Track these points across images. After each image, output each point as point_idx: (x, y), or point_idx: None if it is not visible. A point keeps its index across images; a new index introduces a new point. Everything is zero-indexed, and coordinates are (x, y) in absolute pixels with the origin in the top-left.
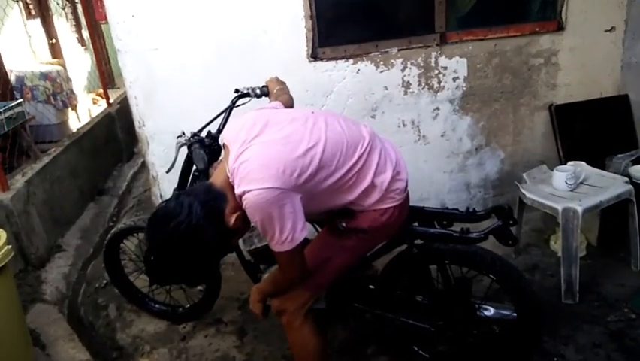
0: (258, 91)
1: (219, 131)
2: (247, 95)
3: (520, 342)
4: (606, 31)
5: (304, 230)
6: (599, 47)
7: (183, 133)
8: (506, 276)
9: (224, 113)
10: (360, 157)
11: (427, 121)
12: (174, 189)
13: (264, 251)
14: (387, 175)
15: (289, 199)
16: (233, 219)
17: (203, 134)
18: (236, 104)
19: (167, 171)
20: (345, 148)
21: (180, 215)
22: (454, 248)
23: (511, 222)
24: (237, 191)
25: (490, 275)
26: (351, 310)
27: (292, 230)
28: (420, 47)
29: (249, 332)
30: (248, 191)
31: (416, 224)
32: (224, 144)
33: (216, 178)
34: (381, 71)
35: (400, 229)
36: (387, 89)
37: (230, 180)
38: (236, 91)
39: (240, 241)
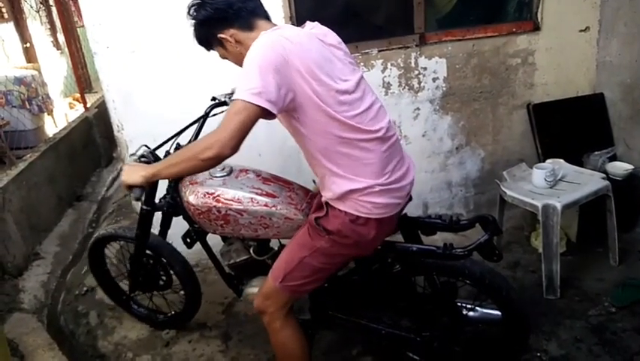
0: None
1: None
2: (224, 103)
3: (506, 343)
4: (581, 31)
5: (272, 107)
6: (574, 47)
7: (146, 147)
8: (495, 288)
9: (196, 124)
10: (376, 133)
11: (408, 121)
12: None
13: (243, 265)
14: (374, 181)
15: (284, 72)
16: (228, 35)
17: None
18: (210, 114)
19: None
20: (373, 113)
21: None
22: (440, 262)
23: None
24: (262, 33)
25: (479, 287)
26: (335, 321)
27: (263, 90)
28: (400, 48)
29: (234, 336)
30: (267, 34)
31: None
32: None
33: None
34: (362, 72)
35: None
36: None
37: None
38: (214, 99)
39: (219, 255)
